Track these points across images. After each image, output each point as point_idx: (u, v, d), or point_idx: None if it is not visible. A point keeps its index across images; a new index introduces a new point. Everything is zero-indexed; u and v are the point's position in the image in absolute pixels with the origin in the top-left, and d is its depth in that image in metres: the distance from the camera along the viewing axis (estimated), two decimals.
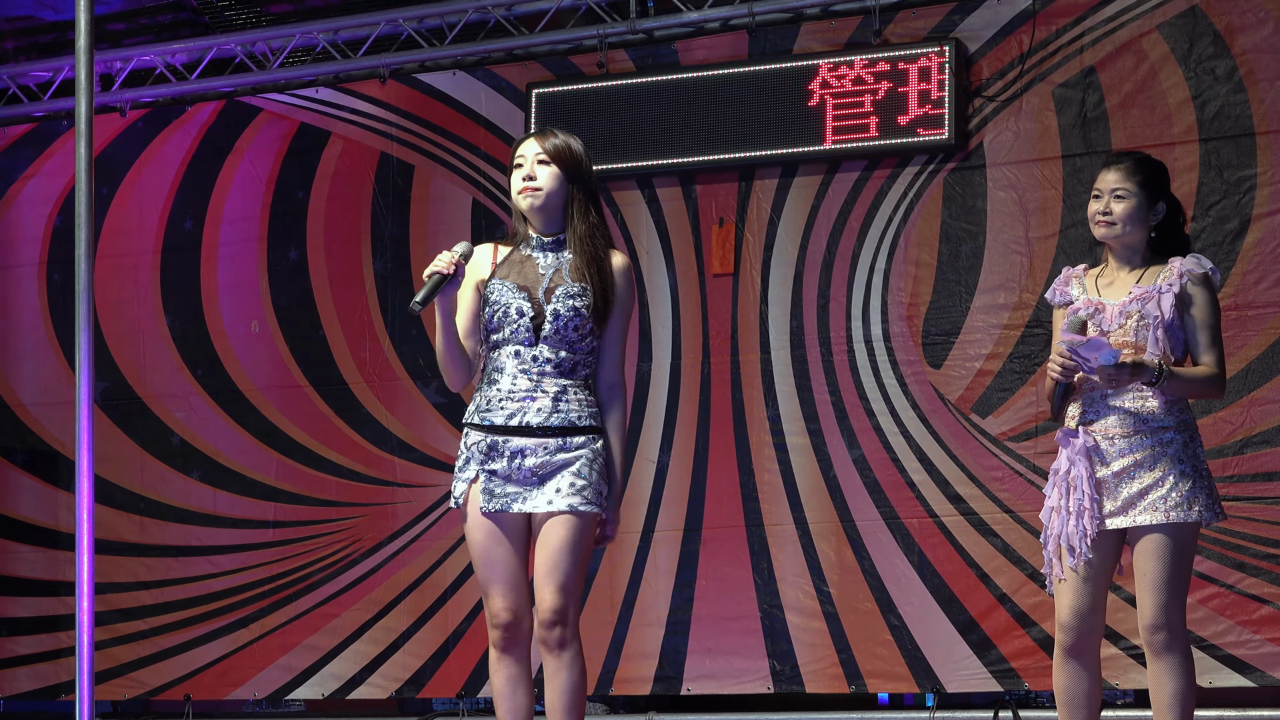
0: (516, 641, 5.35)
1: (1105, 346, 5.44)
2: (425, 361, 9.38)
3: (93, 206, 4.91)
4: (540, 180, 5.37)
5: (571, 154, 5.38)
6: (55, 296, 10.18)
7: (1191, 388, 5.55)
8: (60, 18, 10.42)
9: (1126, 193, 5.64)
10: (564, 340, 5.32)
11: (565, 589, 5.28)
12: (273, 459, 9.72)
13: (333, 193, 9.71)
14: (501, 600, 5.33)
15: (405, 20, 9.58)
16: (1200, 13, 8.22)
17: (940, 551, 8.48)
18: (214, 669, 9.74)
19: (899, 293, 8.63)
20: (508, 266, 5.40)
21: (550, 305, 5.31)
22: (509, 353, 5.34)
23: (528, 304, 5.32)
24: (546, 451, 5.31)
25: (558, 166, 5.37)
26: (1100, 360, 5.43)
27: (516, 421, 5.31)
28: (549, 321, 5.31)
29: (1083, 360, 5.48)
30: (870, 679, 8.58)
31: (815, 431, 8.73)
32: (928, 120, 8.53)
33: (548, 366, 5.33)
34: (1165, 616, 5.49)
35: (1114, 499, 5.55)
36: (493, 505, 5.32)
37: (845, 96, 8.68)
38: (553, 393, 5.32)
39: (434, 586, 9.34)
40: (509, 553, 5.35)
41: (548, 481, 5.32)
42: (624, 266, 5.41)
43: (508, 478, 5.33)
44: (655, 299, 9.05)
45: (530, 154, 5.38)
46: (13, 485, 10.21)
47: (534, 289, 5.34)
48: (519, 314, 5.32)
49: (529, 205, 5.37)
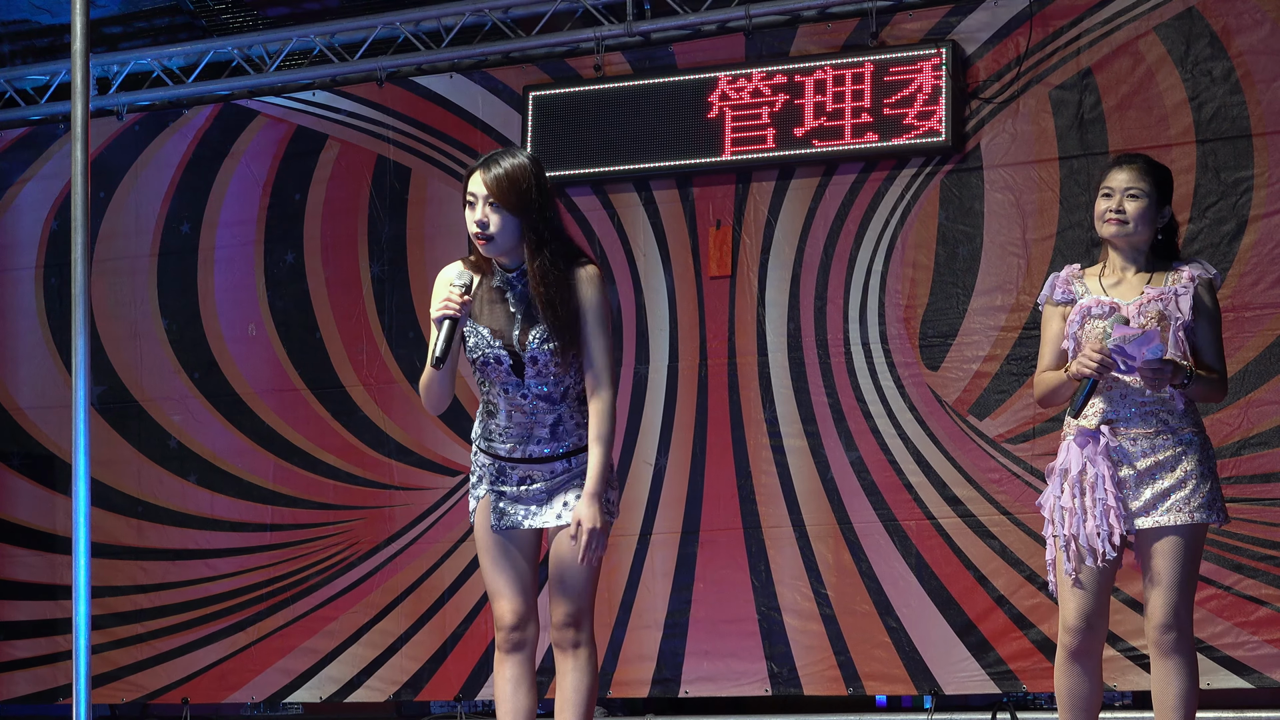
0: (521, 644, 5.38)
1: (1156, 339, 5.41)
2: (422, 365, 9.35)
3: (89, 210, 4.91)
4: (492, 227, 5.26)
5: (517, 188, 5.25)
6: (52, 300, 10.17)
7: (1205, 391, 5.56)
8: (56, 21, 10.42)
9: (1140, 192, 5.62)
10: (547, 376, 5.33)
11: (579, 595, 5.33)
12: (270, 462, 9.71)
13: (330, 196, 9.70)
14: (508, 604, 5.37)
15: (402, 23, 9.58)
16: (1197, 14, 8.22)
17: (938, 553, 8.48)
18: (212, 672, 9.73)
19: (896, 295, 8.63)
20: (480, 305, 5.35)
21: (526, 352, 5.30)
22: (498, 391, 5.36)
23: (504, 353, 5.31)
24: (554, 473, 5.36)
25: (505, 208, 5.25)
26: (1149, 354, 5.41)
27: (520, 454, 5.35)
28: (528, 365, 5.31)
29: (1126, 358, 5.45)
30: (868, 681, 8.58)
31: (813, 434, 8.73)
32: (924, 122, 8.53)
33: (539, 401, 5.35)
34: (1177, 617, 5.49)
35: (1137, 499, 5.53)
36: (504, 523, 5.37)
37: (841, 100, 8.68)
38: (549, 423, 5.35)
39: (432, 589, 9.33)
40: (517, 558, 5.38)
41: (556, 496, 5.36)
42: (590, 277, 5.32)
43: (517, 499, 5.37)
44: (652, 301, 9.04)
45: (480, 195, 5.28)
46: (10, 489, 10.21)
47: (507, 334, 5.31)
48: (497, 362, 5.32)
49: (485, 251, 5.32)
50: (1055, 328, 5.70)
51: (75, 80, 4.93)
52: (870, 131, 8.63)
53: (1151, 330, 5.44)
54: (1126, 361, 5.46)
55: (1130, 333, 5.43)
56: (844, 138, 8.68)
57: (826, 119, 8.70)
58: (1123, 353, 5.46)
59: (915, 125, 8.54)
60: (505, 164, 5.27)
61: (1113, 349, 5.46)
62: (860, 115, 8.64)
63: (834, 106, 8.69)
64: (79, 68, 4.94)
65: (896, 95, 8.58)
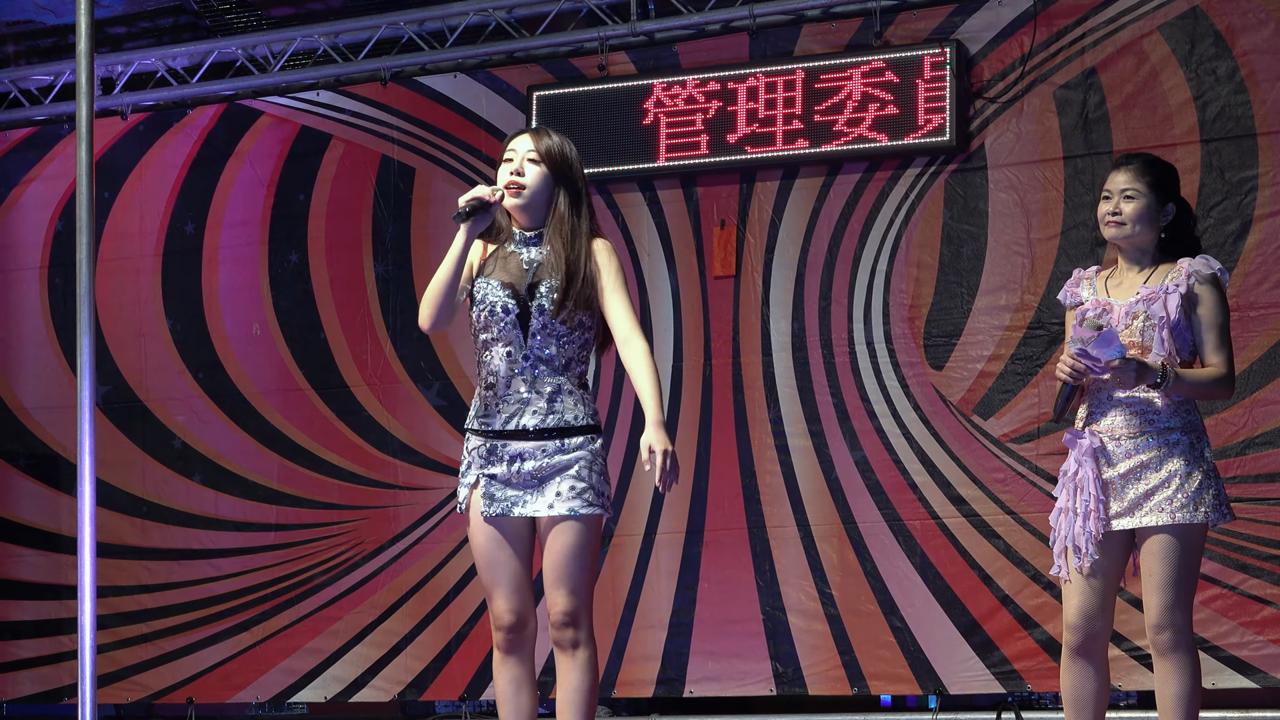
0: (520, 644, 5.36)
1: (1115, 341, 5.42)
2: (426, 364, 9.38)
3: (94, 210, 4.92)
4: (527, 178, 5.37)
5: (562, 156, 5.40)
6: (56, 300, 10.18)
7: (1199, 389, 5.54)
8: (61, 21, 10.43)
9: (1136, 193, 5.64)
10: (553, 334, 5.32)
11: (575, 592, 5.30)
12: (274, 462, 9.72)
13: (334, 196, 9.71)
14: (505, 603, 5.34)
15: (406, 23, 9.58)
16: (1201, 14, 8.21)
17: (942, 553, 8.48)
18: (216, 672, 9.74)
19: (900, 294, 8.63)
20: (493, 262, 5.40)
21: (535, 300, 5.31)
22: (500, 353, 5.34)
23: (512, 300, 5.32)
24: (545, 454, 5.31)
25: (546, 166, 5.38)
26: (1107, 355, 5.42)
27: (514, 425, 5.31)
28: (535, 316, 5.31)
29: (1093, 361, 5.46)
30: (873, 681, 8.58)
31: (817, 433, 8.73)
32: (929, 122, 8.53)
33: (540, 365, 5.32)
34: (1170, 617, 5.49)
35: (1120, 500, 5.54)
36: (494, 510, 5.33)
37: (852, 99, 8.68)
38: (547, 393, 5.32)
39: (436, 589, 9.34)
40: (511, 556, 5.35)
41: (547, 484, 5.31)
42: (604, 245, 5.40)
43: (507, 482, 5.33)
44: (656, 301, 9.04)
45: (521, 150, 5.40)
46: (15, 489, 10.22)
47: (518, 284, 5.34)
48: (504, 311, 5.32)
49: (514, 203, 5.37)
50: (1069, 332, 5.72)
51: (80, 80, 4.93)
52: (874, 132, 8.62)
53: (1109, 331, 5.45)
54: (1092, 364, 5.47)
55: (1086, 334, 5.44)
56: (848, 137, 8.68)
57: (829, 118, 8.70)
58: (1086, 355, 5.47)
59: (919, 125, 8.54)
60: (554, 134, 5.44)
61: (1075, 352, 5.48)
62: (864, 114, 8.64)
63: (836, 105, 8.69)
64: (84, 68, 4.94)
65: (900, 95, 8.56)
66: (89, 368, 4.86)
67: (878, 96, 8.62)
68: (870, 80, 8.64)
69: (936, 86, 8.52)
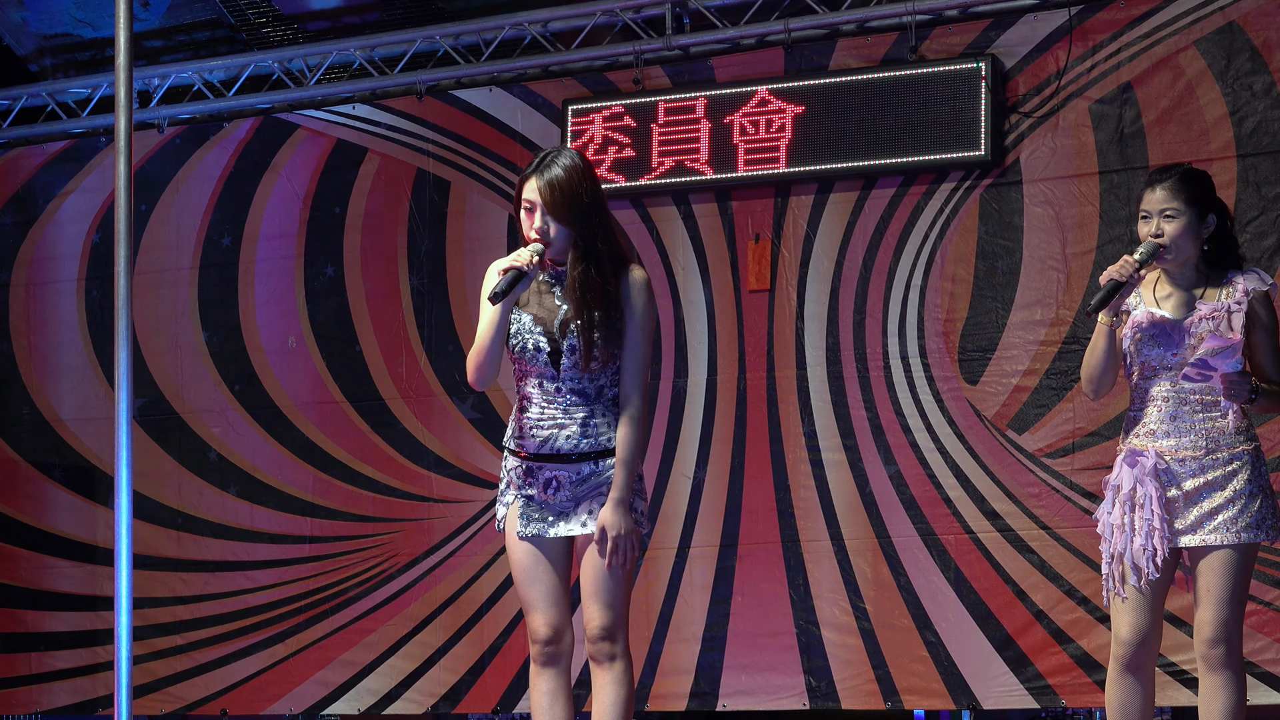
0: (557, 657, 5.39)
1: (1238, 353, 5.42)
2: (461, 377, 9.38)
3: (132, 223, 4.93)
4: (551, 233, 5.39)
5: (569, 199, 5.37)
6: (94, 312, 10.21)
7: (1271, 404, 5.54)
8: (98, 35, 10.47)
9: (1176, 212, 5.61)
10: (584, 370, 5.36)
11: (612, 607, 5.34)
12: (309, 474, 9.74)
13: (369, 209, 9.73)
14: (542, 617, 5.38)
15: (442, 37, 9.60)
16: (1238, 28, 8.19)
17: (977, 568, 8.46)
18: (250, 684, 9.75)
19: (935, 309, 8.62)
20: (529, 294, 5.44)
21: (566, 340, 5.35)
22: (534, 383, 5.41)
23: (544, 340, 5.38)
24: (580, 476, 5.38)
25: (557, 220, 5.38)
26: (1227, 367, 5.41)
27: (548, 449, 5.38)
28: (565, 356, 5.36)
29: (1204, 370, 5.45)
30: (906, 696, 8.57)
31: (851, 447, 8.72)
32: (964, 136, 8.52)
33: (572, 396, 5.39)
34: (1226, 631, 5.49)
35: (1184, 518, 5.52)
36: (530, 530, 5.39)
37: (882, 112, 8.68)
38: (580, 418, 5.38)
39: (470, 602, 9.35)
40: (549, 571, 5.40)
41: (582, 504, 5.37)
42: (640, 282, 5.42)
43: (544, 504, 5.39)
44: (691, 315, 9.05)
45: (536, 204, 5.40)
46: (52, 500, 10.25)
47: (550, 323, 5.39)
48: (536, 349, 5.38)
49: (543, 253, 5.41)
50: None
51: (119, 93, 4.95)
52: (907, 146, 8.62)
53: (1237, 343, 5.44)
54: (1203, 371, 5.45)
55: (1220, 344, 5.42)
56: (883, 151, 8.68)
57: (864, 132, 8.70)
58: (1205, 365, 5.44)
59: (954, 139, 8.53)
60: (558, 170, 5.37)
61: (1195, 360, 5.45)
62: (900, 128, 8.63)
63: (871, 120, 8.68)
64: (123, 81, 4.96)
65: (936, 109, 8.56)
66: (126, 380, 4.87)
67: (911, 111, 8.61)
68: (905, 95, 8.63)
69: (971, 101, 8.51)
